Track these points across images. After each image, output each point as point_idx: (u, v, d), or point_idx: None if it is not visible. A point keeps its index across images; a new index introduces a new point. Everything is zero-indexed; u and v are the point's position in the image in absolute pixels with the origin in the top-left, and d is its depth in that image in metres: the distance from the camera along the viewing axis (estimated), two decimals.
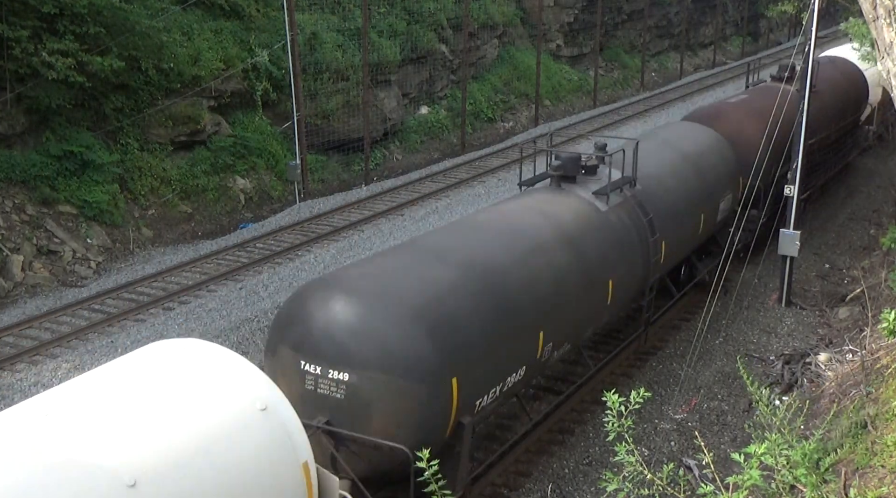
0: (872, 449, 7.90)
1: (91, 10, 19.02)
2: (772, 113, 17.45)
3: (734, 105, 19.76)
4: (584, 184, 13.26)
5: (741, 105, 19.67)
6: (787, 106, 17.07)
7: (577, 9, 39.19)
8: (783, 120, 17.53)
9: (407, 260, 10.13)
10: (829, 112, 21.49)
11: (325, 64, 25.68)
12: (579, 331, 12.27)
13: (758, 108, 19.13)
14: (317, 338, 9.14)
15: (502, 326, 9.97)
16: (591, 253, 12.06)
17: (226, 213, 22.74)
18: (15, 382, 13.93)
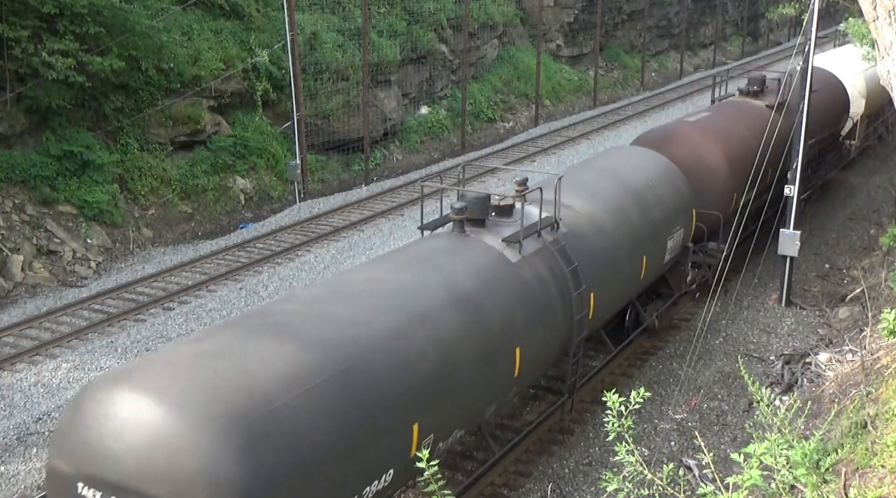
0: (872, 449, 7.90)
1: (91, 10, 19.02)
2: (737, 133, 16.75)
3: (692, 125, 17.47)
4: (494, 229, 10.99)
5: (700, 125, 17.46)
6: (755, 124, 16.53)
7: (577, 9, 39.19)
8: (751, 141, 16.55)
9: (232, 341, 7.80)
10: (809, 131, 20.07)
11: (325, 64, 25.68)
12: (474, 414, 10.02)
13: (721, 128, 17.39)
14: (95, 455, 6.90)
15: (358, 424, 7.76)
16: (493, 317, 9.82)
17: (226, 213, 22.74)
18: (15, 382, 13.93)
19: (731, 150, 16.51)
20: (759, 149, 15.93)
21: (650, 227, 13.69)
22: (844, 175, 26.40)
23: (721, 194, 15.84)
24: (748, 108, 18.91)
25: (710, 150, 16.39)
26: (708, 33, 51.31)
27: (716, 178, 15.78)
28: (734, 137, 17.06)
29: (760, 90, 19.92)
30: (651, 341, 15.89)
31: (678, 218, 14.70)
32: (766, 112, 18.32)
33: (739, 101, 19.75)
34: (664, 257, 14.48)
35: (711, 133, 16.93)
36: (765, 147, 15.79)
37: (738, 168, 16.25)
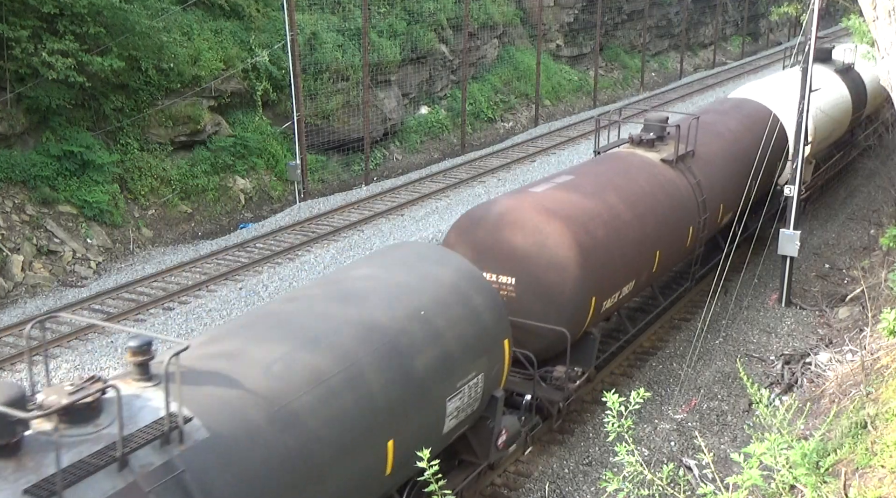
0: (872, 449, 7.90)
1: (91, 10, 19.02)
2: (605, 208, 12.56)
3: (535, 199, 12.30)
4: None
5: (546, 199, 12.36)
6: (641, 191, 13.17)
7: (577, 9, 39.19)
8: (628, 218, 12.78)
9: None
10: (718, 186, 15.68)
11: (325, 64, 25.68)
12: None
13: (577, 202, 12.47)
14: None
15: None
16: None
17: (226, 213, 22.74)
18: (15, 383, 13.92)
19: (592, 234, 11.92)
20: (646, 228, 12.86)
21: (408, 390, 8.22)
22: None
23: (569, 301, 11.36)
24: (636, 164, 14.51)
25: (554, 238, 11.50)
26: (708, 33, 51.31)
27: (562, 279, 11.24)
28: (600, 213, 12.45)
29: (659, 138, 15.49)
30: (651, 341, 15.89)
31: (473, 361, 9.20)
32: (660, 169, 14.54)
33: (628, 153, 15.16)
34: (442, 427, 8.95)
35: (560, 211, 11.94)
36: (651, 225, 12.72)
37: (601, 261, 11.85)
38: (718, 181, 15.76)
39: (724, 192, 15.97)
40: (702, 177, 15.19)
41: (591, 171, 14.31)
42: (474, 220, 12.16)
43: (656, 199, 13.77)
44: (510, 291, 11.58)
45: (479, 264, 11.02)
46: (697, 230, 14.93)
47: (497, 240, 11.73)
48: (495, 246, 11.70)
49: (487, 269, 11.42)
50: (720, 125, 17.34)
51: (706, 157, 15.78)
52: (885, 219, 21.30)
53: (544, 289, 11.47)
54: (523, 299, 11.56)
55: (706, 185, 15.22)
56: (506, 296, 11.39)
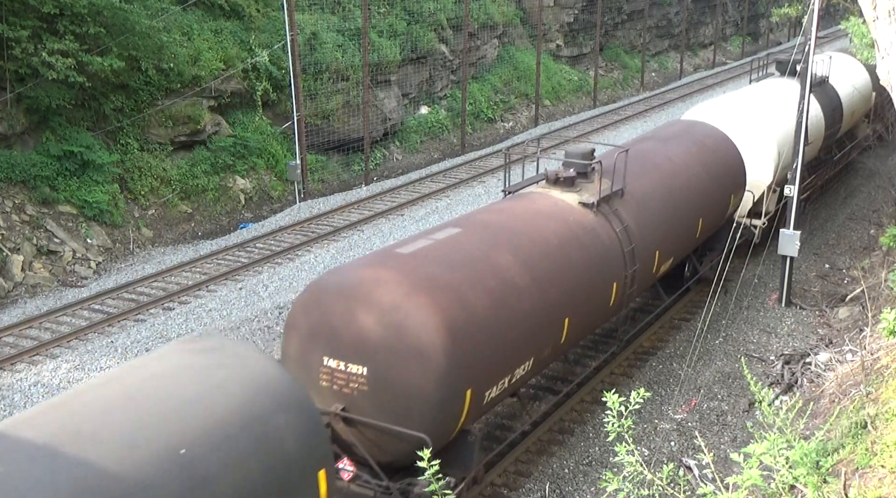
0: (872, 449, 7.90)
1: (91, 10, 19.02)
2: (490, 272, 10.21)
3: (399, 263, 9.91)
4: None
5: (410, 266, 9.88)
6: (546, 244, 11.10)
7: (577, 9, 39.20)
8: (523, 282, 10.46)
9: None
10: (653, 229, 13.40)
11: (325, 64, 25.68)
12: None
13: (445, 274, 9.84)
14: None
15: None
16: None
17: (226, 213, 22.74)
18: (15, 383, 13.93)
19: (471, 309, 9.45)
20: (551, 292, 10.72)
21: None
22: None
23: (433, 398, 8.93)
24: (546, 210, 12.03)
25: (416, 317, 9.03)
26: (708, 33, 51.32)
27: (424, 370, 8.88)
28: (484, 280, 9.96)
29: (582, 174, 12.96)
30: (650, 342, 15.88)
31: None
32: (577, 215, 12.08)
33: (539, 195, 12.60)
34: None
35: (426, 281, 9.45)
36: (558, 287, 10.77)
37: (482, 343, 9.44)
38: (654, 224, 13.35)
39: (661, 236, 13.52)
40: (631, 221, 12.74)
41: (484, 220, 11.56)
42: (321, 292, 9.65)
43: (567, 254, 11.30)
44: (361, 384, 9.08)
45: (325, 350, 9.19)
46: (624, 286, 12.45)
47: (347, 320, 9.20)
48: (344, 327, 9.20)
49: (334, 356, 9.21)
50: (660, 155, 14.82)
51: (639, 196, 13.31)
52: (885, 219, 21.32)
53: (402, 382, 8.95)
54: (377, 395, 9.06)
55: (637, 231, 12.79)
56: (356, 390, 9.11)
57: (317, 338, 9.37)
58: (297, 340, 9.63)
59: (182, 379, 6.75)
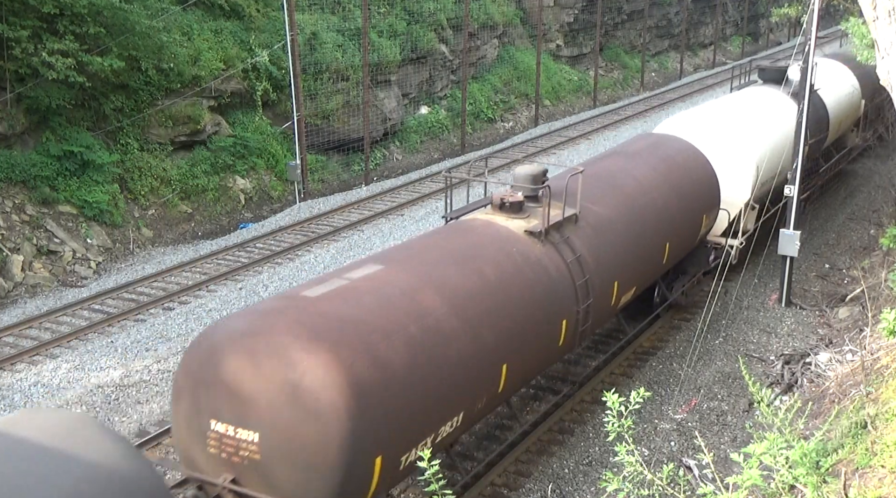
0: (872, 449, 7.90)
1: (91, 10, 19.02)
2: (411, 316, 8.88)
3: (302, 310, 8.50)
4: None
5: (325, 307, 8.59)
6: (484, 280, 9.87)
7: (577, 9, 39.21)
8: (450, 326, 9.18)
9: None
10: (612, 258, 12.25)
11: (325, 64, 25.68)
12: None
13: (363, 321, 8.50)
14: None
15: None
16: None
17: (226, 213, 22.74)
18: (15, 383, 13.94)
19: (384, 362, 8.16)
20: (485, 336, 9.48)
21: None
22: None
23: (334, 467, 7.70)
24: (486, 241, 10.73)
25: (314, 374, 7.72)
26: (708, 33, 51.33)
27: (324, 435, 7.65)
28: (404, 326, 8.62)
29: (532, 198, 11.73)
30: (650, 342, 15.89)
31: None
32: (523, 245, 10.86)
33: (482, 224, 11.26)
34: None
35: (330, 331, 8.10)
36: (495, 329, 9.59)
37: (397, 401, 8.22)
38: (612, 252, 12.20)
39: (621, 265, 12.39)
40: (586, 249, 11.57)
41: (411, 254, 10.15)
42: (209, 343, 8.25)
43: (507, 292, 10.01)
44: (252, 452, 7.84)
45: (212, 412, 7.99)
46: (575, 323, 11.24)
47: (236, 377, 7.88)
48: (233, 386, 7.89)
49: (222, 419, 7.94)
50: (623, 174, 13.70)
51: (596, 221, 12.15)
52: (885, 219, 21.32)
53: (299, 450, 7.69)
54: (271, 465, 7.82)
55: (592, 261, 11.61)
56: (247, 458, 7.86)
57: (204, 397, 8.04)
58: (184, 398, 8.24)
59: None
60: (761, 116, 18.40)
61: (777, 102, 19.56)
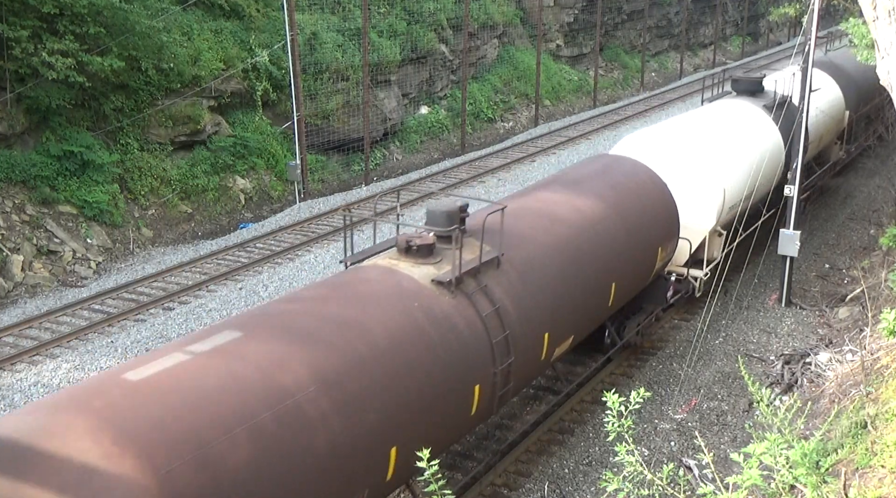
0: (872, 449, 7.90)
1: (91, 10, 19.03)
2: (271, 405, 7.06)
3: (113, 400, 6.42)
4: None
5: (144, 395, 6.59)
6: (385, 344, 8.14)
7: (577, 9, 39.22)
8: (340, 407, 7.49)
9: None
10: (540, 307, 10.47)
11: (325, 64, 25.69)
12: None
13: (196, 412, 6.70)
14: None
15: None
16: None
17: (226, 213, 22.75)
18: (15, 383, 13.94)
19: (221, 464, 6.42)
20: (369, 416, 7.73)
21: None
22: (835, 182, 26.27)
23: None
24: (384, 292, 8.95)
25: (117, 491, 5.82)
26: (708, 33, 51.34)
27: None
28: (254, 414, 6.83)
29: (446, 238, 9.79)
30: (650, 342, 15.88)
31: None
32: (427, 298, 9.07)
33: (382, 271, 9.41)
34: None
35: (142, 432, 6.20)
36: (383, 406, 7.84)
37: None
38: (542, 299, 10.43)
39: (552, 313, 10.62)
40: (508, 299, 9.82)
41: (282, 317, 8.22)
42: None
43: (400, 358, 8.23)
44: None
45: None
46: (492, 387, 9.55)
47: (11, 494, 5.81)
48: None
49: None
50: (562, 206, 11.91)
51: (523, 264, 10.39)
52: (885, 219, 21.31)
53: None
54: None
55: (516, 312, 9.87)
56: None
57: None
58: None
59: None
60: (731, 133, 16.97)
61: (750, 116, 18.24)
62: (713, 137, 16.46)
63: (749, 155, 16.61)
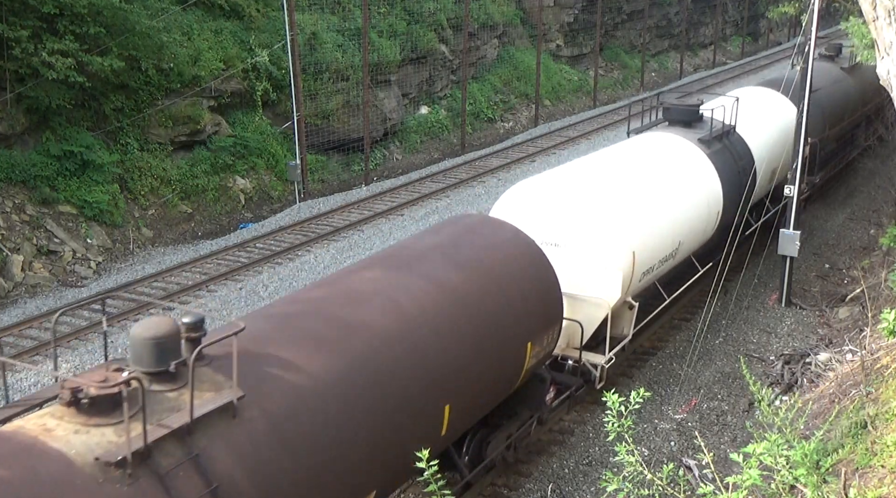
0: (872, 449, 7.90)
1: (91, 10, 19.02)
2: None
3: None
4: None
5: None
6: None
7: (577, 9, 39.21)
8: None
9: None
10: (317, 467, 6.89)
11: (325, 64, 25.69)
12: None
13: None
14: None
15: None
16: None
17: (226, 213, 22.74)
18: (15, 383, 13.93)
19: None
20: None
21: None
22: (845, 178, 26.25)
23: None
24: None
25: None
26: (708, 33, 51.32)
27: None
28: None
29: (167, 376, 6.47)
30: (651, 341, 15.88)
31: None
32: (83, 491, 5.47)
33: (23, 446, 5.61)
34: None
35: None
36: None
37: None
38: (308, 459, 6.86)
39: (322, 477, 6.93)
40: (242, 471, 6.33)
41: None
42: None
43: None
44: None
45: None
46: None
47: None
48: None
49: None
50: (373, 299, 8.43)
51: (287, 403, 6.93)
52: (885, 219, 21.31)
53: None
54: None
55: (253, 490, 6.34)
56: None
57: None
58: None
59: None
60: (651, 176, 14.07)
61: (681, 153, 15.37)
62: (624, 184, 13.44)
63: (674, 203, 13.97)
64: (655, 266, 13.50)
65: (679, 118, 16.93)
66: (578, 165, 14.35)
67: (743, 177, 16.61)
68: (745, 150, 17.14)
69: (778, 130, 18.78)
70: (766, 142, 18.08)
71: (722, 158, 16.04)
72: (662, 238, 13.51)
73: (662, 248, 13.53)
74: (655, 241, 13.25)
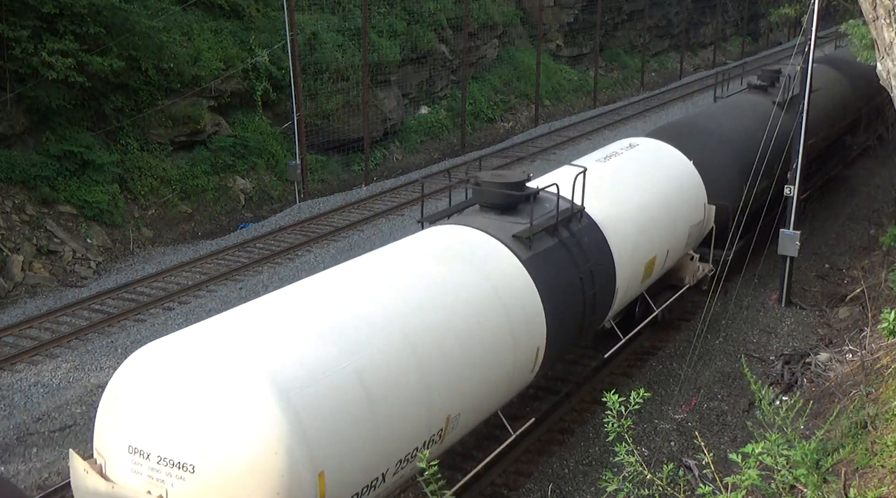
0: (872, 449, 7.90)
1: (91, 10, 19.03)
2: None
3: None
4: None
5: None
6: None
7: (577, 9, 39.22)
8: None
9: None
10: None
11: (325, 64, 25.69)
12: None
13: None
14: None
15: None
16: None
17: (226, 213, 22.74)
18: (15, 383, 13.93)
19: None
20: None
21: None
22: (846, 173, 26.26)
23: None
24: None
25: None
26: (708, 33, 51.33)
27: None
28: None
29: None
30: (651, 341, 15.88)
31: None
32: None
33: None
34: None
35: None
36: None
37: None
38: None
39: None
40: None
41: None
42: None
43: None
44: None
45: None
46: None
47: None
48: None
49: None
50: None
51: None
52: (885, 219, 21.30)
53: None
54: None
55: None
56: None
57: None
58: None
59: None
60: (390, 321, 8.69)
61: (479, 260, 10.31)
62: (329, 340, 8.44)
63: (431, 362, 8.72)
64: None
65: (494, 202, 11.51)
66: (254, 310, 8.51)
67: (590, 284, 11.43)
68: (599, 237, 12.04)
69: (662, 200, 13.66)
70: (639, 221, 12.91)
71: (551, 262, 10.86)
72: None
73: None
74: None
